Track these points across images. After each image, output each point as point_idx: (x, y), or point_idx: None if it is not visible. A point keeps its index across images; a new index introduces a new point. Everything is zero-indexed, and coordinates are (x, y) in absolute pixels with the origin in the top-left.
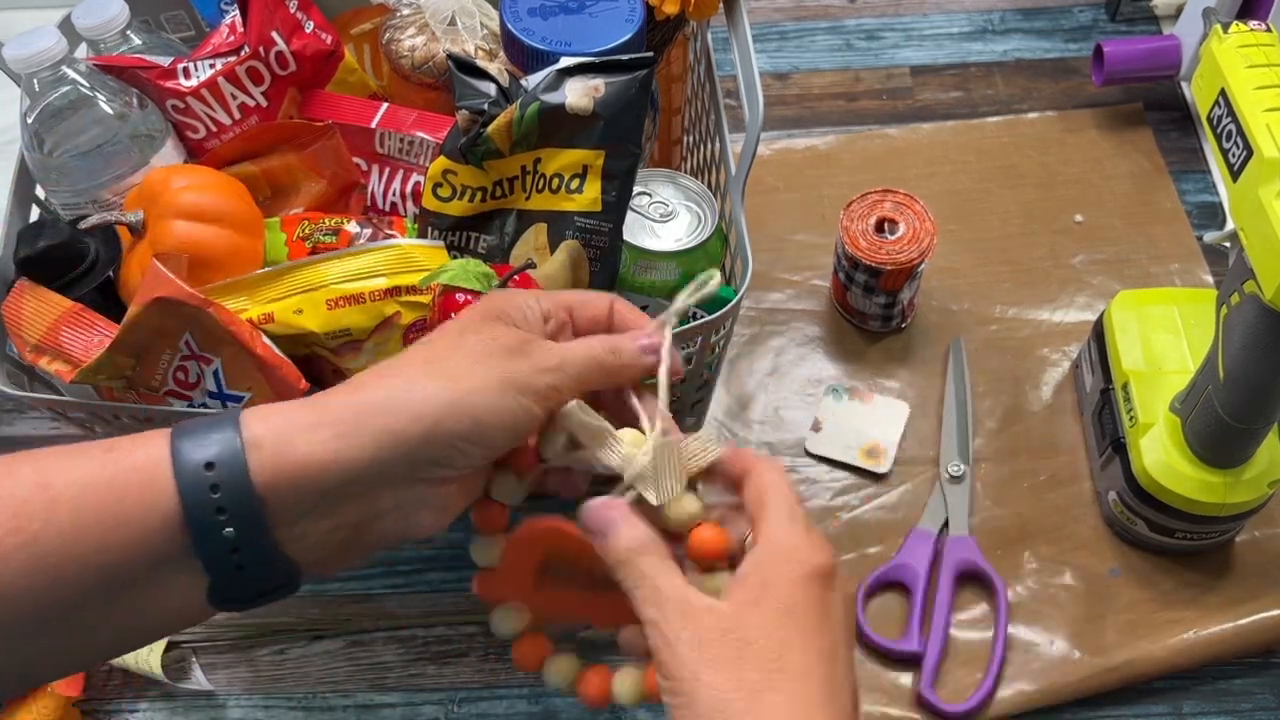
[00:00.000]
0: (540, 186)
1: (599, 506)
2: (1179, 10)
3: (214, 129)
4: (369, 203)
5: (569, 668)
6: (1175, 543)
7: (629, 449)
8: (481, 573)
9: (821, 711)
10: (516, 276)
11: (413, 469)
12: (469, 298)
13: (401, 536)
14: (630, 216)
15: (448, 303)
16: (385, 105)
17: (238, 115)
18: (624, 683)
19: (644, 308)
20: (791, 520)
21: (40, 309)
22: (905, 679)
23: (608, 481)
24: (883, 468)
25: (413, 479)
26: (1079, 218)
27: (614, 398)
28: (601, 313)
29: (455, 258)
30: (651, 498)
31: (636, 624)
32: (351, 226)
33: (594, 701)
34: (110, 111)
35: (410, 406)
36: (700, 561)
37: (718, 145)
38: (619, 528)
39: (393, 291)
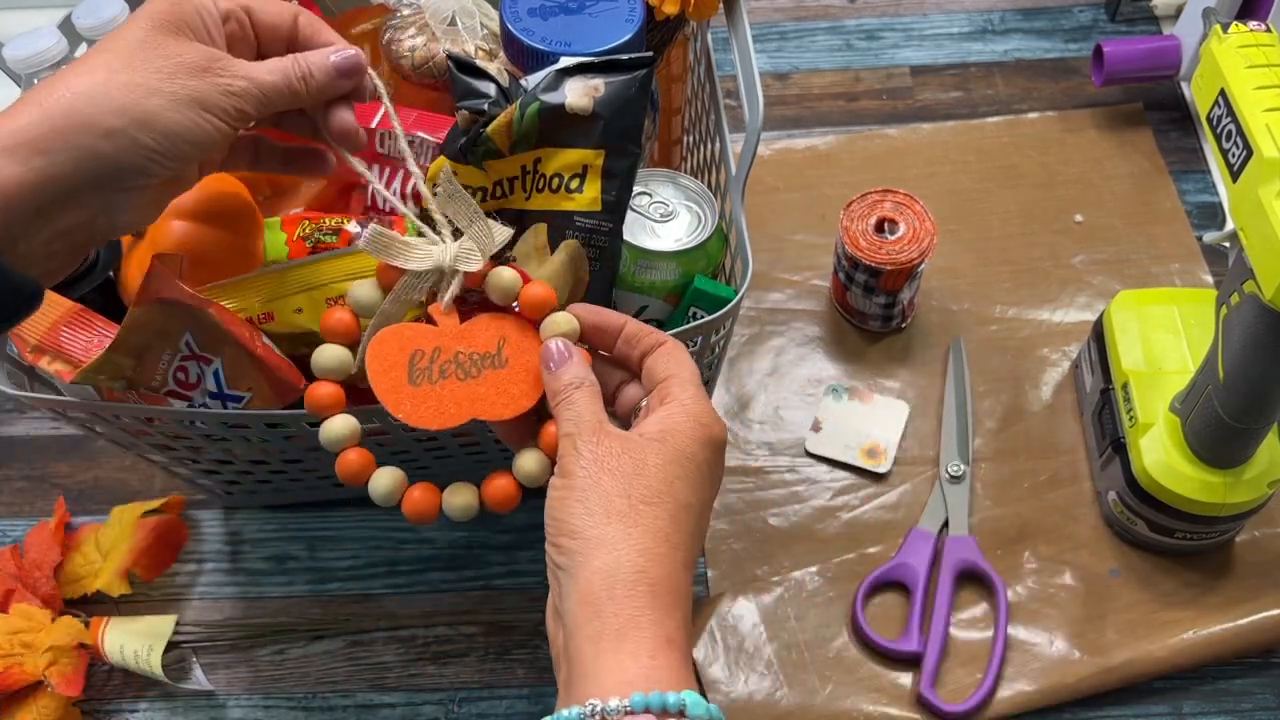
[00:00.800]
0: (540, 186)
1: (562, 346)
2: (1179, 10)
3: None
4: (369, 203)
5: (398, 477)
6: (1175, 543)
7: (433, 243)
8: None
9: (690, 539)
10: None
11: (113, 179)
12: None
13: (109, 234)
14: (630, 216)
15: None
16: None
17: None
18: (529, 460)
19: (643, 308)
20: (699, 393)
21: (40, 309)
22: (905, 679)
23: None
24: (883, 467)
25: (115, 187)
26: (1079, 218)
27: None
28: (283, 22)
29: None
30: (475, 264)
31: (524, 404)
32: (352, 226)
33: (504, 500)
34: None
35: (103, 122)
36: (535, 314)
37: (718, 145)
38: (570, 363)
39: None
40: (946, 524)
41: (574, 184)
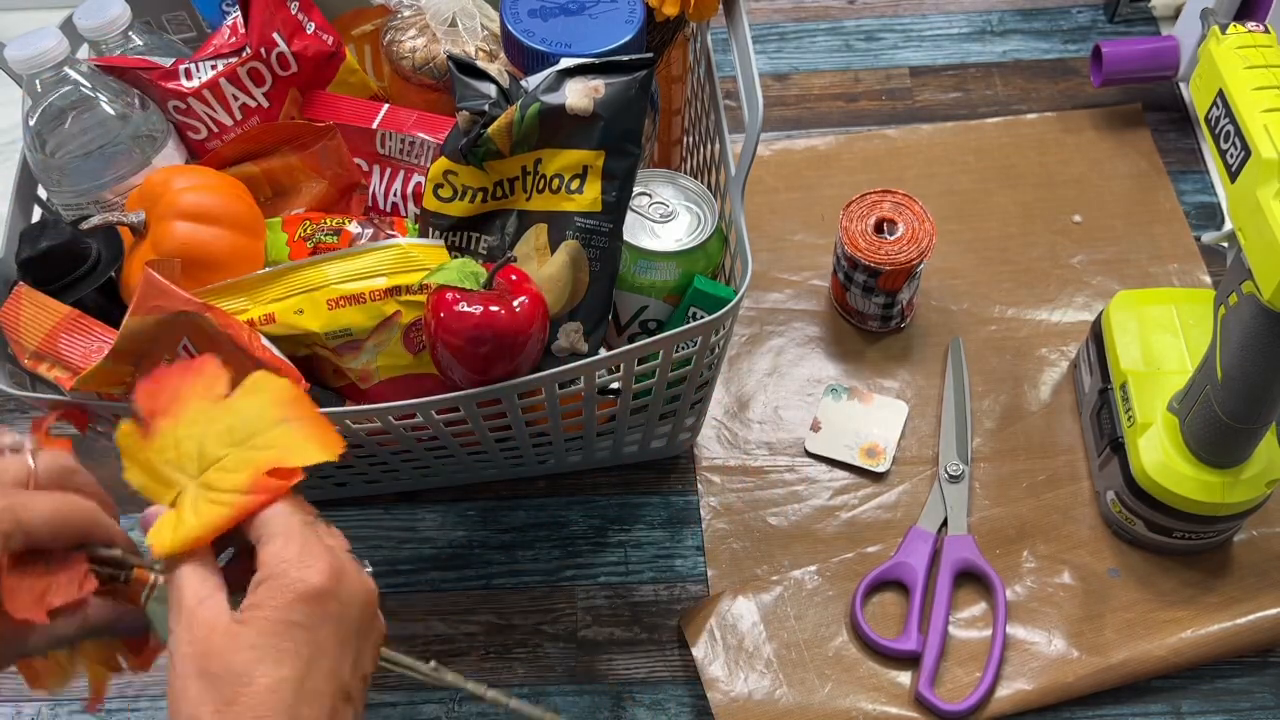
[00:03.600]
0: (540, 187)
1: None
2: (1177, 11)
3: (215, 129)
4: (370, 203)
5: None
6: (1174, 542)
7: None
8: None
9: (283, 713)
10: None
11: None
12: (459, 295)
13: None
14: (630, 217)
15: (439, 302)
16: (386, 106)
17: (239, 116)
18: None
19: (643, 308)
20: (286, 539)
21: (38, 315)
22: (904, 678)
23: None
24: (882, 467)
25: None
26: (1078, 218)
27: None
28: (71, 541)
29: (456, 257)
30: None
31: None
32: (352, 227)
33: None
34: (112, 112)
35: None
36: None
37: (717, 146)
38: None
39: (393, 291)
40: (945, 523)
41: (574, 184)
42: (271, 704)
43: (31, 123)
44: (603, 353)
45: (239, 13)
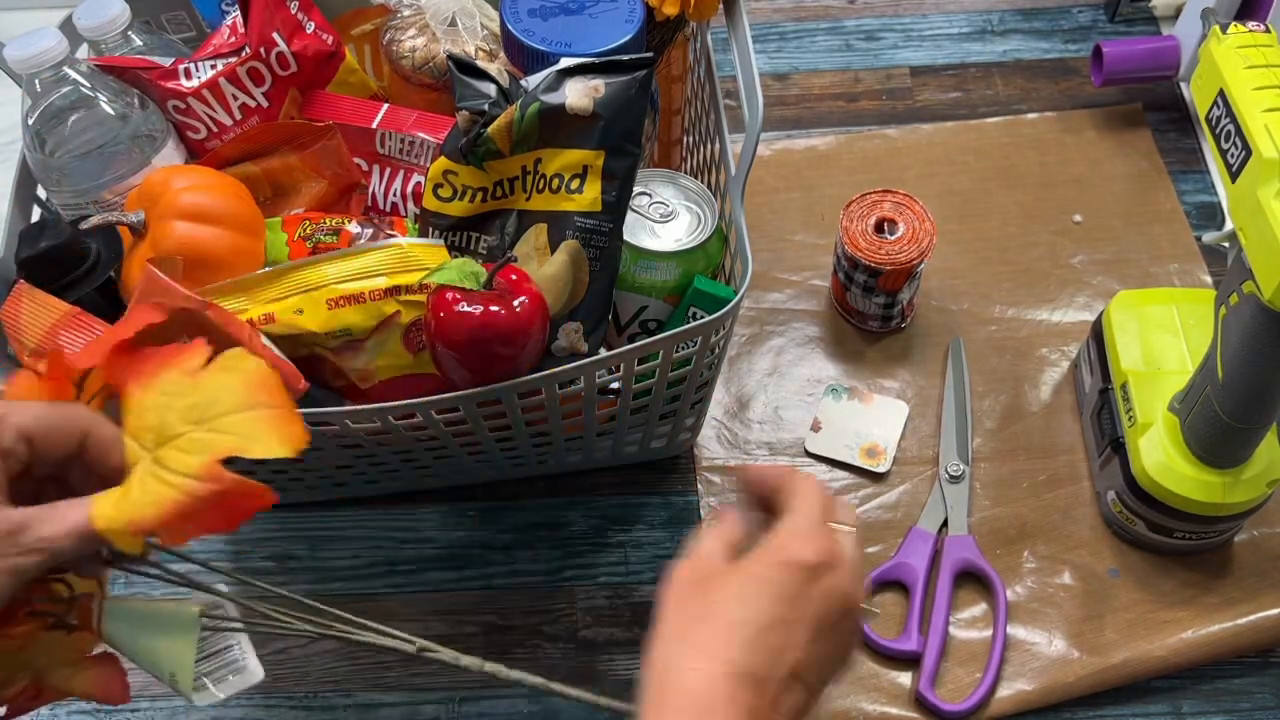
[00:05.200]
0: (540, 187)
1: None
2: (1178, 11)
3: (215, 129)
4: (370, 203)
5: None
6: (1174, 542)
7: None
8: None
9: (739, 652)
10: (500, 270)
11: None
12: (459, 295)
13: None
14: (630, 216)
15: (439, 302)
16: (386, 106)
17: (239, 116)
18: None
19: (643, 308)
20: (802, 517)
21: (38, 312)
22: (904, 678)
23: None
24: (882, 467)
25: None
26: (1078, 218)
27: None
28: (71, 444)
29: (456, 257)
30: None
31: None
32: (352, 226)
33: None
34: (111, 112)
35: None
36: None
37: (717, 146)
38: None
39: (393, 291)
40: (946, 523)
41: (574, 184)
42: (724, 637)
43: (31, 122)
44: (603, 353)
45: (238, 12)
